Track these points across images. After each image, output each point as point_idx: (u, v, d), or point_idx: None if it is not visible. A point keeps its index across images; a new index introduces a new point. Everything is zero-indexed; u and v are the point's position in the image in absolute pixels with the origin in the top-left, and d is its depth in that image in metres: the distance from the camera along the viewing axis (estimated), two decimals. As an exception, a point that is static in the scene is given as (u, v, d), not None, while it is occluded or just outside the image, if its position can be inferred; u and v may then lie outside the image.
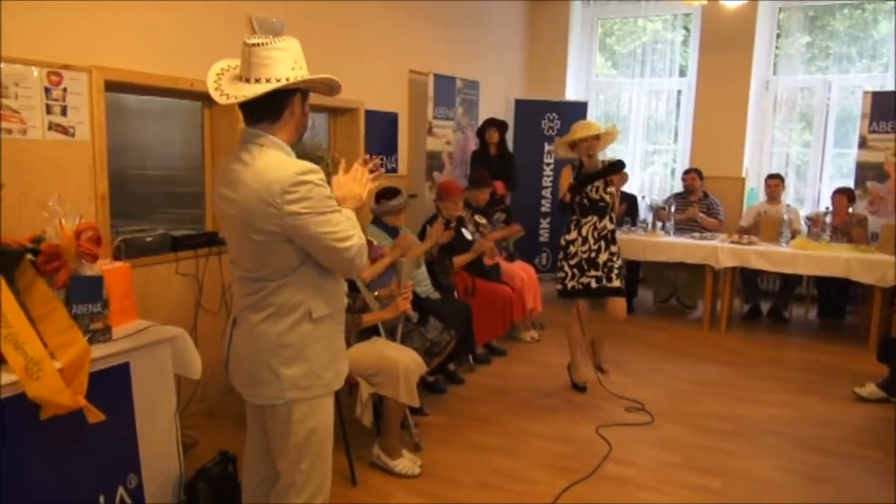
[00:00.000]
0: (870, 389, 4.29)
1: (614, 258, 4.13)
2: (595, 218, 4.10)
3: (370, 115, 5.12)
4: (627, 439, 3.66)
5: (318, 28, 4.48)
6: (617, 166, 4.04)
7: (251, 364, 1.97)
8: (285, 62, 1.83)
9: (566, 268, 4.17)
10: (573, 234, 4.15)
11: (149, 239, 3.44)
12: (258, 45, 1.81)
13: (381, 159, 5.34)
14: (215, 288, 3.86)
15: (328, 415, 2.06)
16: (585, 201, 4.10)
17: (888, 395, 4.22)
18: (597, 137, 4.04)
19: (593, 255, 4.10)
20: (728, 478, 3.25)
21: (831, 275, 5.39)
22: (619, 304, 4.15)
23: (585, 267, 4.11)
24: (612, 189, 4.11)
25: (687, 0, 5.17)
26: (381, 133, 5.34)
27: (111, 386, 2.43)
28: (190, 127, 3.97)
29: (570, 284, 4.15)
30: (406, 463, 3.20)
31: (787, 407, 4.16)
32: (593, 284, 4.11)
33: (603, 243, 4.10)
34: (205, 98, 3.89)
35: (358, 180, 2.06)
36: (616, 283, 4.10)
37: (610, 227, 4.13)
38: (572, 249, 4.14)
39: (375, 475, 3.19)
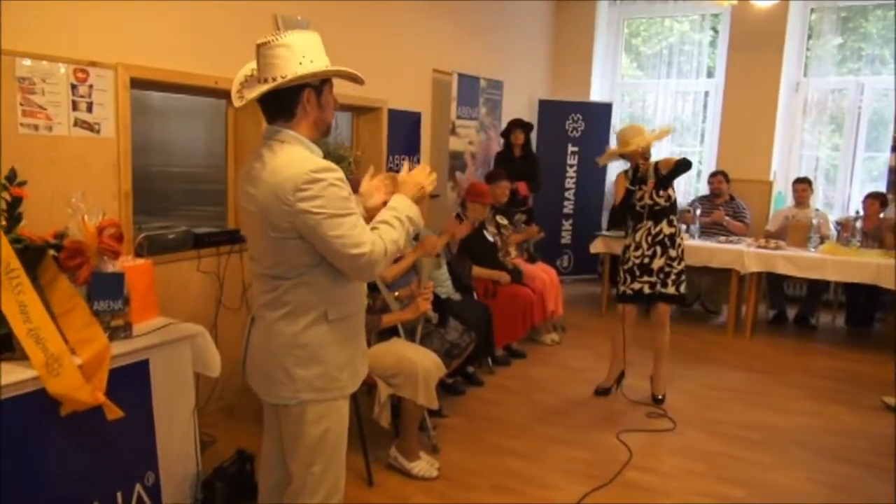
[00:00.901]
0: (899, 400, 4.19)
1: (673, 263, 4.02)
2: (650, 223, 4.01)
3: (393, 114, 5.11)
4: (649, 446, 3.60)
5: (343, 26, 4.47)
6: (686, 164, 3.93)
7: (266, 363, 1.96)
8: (290, 59, 1.80)
9: (621, 273, 4.14)
10: (629, 240, 4.11)
11: (171, 236, 3.46)
12: (263, 44, 1.81)
13: (404, 159, 5.33)
14: (236, 286, 3.87)
15: (342, 417, 2.04)
16: (638, 207, 4.02)
17: (918, 405, 4.12)
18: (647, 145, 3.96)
19: (647, 260, 4.02)
20: (752, 488, 3.18)
21: (860, 281, 5.26)
22: (661, 310, 4.11)
23: (637, 273, 4.04)
24: (667, 191, 3.99)
25: (717, 0, 5.06)
26: (404, 132, 5.32)
27: (130, 383, 2.43)
28: (214, 125, 3.99)
29: (621, 289, 4.12)
30: (423, 465, 3.17)
31: (813, 416, 4.07)
32: (646, 290, 4.04)
33: (659, 248, 4.00)
34: (228, 96, 3.89)
35: (423, 172, 2.08)
36: (671, 290, 4.02)
37: (668, 231, 4.01)
38: (627, 255, 4.10)
39: (392, 477, 3.17)
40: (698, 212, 6.15)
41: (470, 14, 6.06)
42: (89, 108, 3.04)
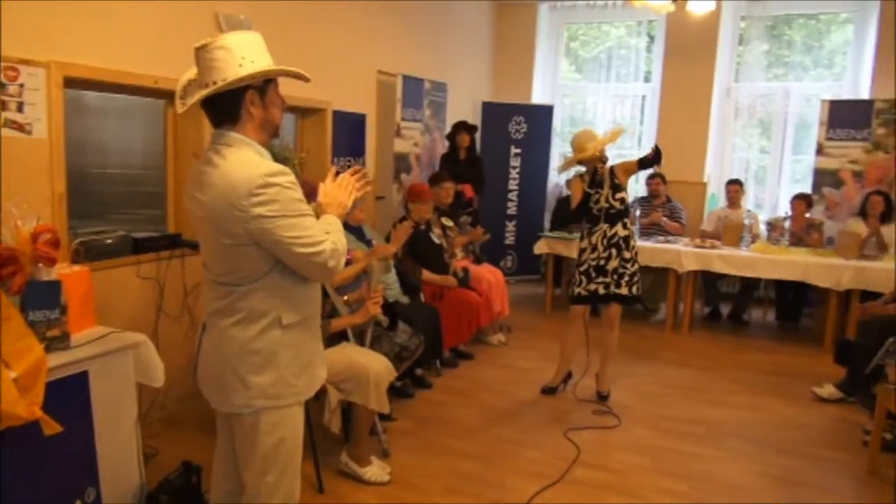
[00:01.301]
0: (829, 390, 4.40)
1: (627, 264, 4.09)
2: (606, 226, 4.06)
3: (338, 115, 5.05)
4: (596, 443, 3.67)
5: (287, 26, 4.39)
6: (657, 155, 4.02)
7: (219, 371, 1.91)
8: (230, 61, 1.75)
9: (577, 275, 4.17)
10: (584, 243, 4.16)
11: (109, 241, 3.33)
12: (201, 47, 1.76)
13: (349, 161, 5.28)
14: (177, 292, 3.76)
15: (298, 425, 2.00)
16: (595, 210, 4.07)
17: (846, 395, 4.33)
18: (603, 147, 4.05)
19: (602, 262, 4.07)
20: (696, 481, 3.28)
21: (790, 278, 5.51)
22: (613, 310, 4.18)
23: (593, 274, 4.09)
24: (621, 195, 4.08)
25: (654, 7, 5.21)
26: (349, 134, 5.27)
27: (69, 396, 2.34)
28: (153, 125, 3.86)
29: (576, 290, 4.15)
30: (375, 470, 3.15)
31: (750, 409, 4.23)
32: (601, 291, 4.10)
33: (614, 250, 4.07)
34: (168, 96, 3.78)
35: (344, 188, 2.00)
36: (624, 290, 4.09)
37: (623, 233, 4.08)
38: (583, 257, 4.15)
39: (344, 483, 3.13)
40: (637, 213, 6.32)
41: (413, 16, 6.06)
42: (20, 108, 2.89)
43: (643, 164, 4.11)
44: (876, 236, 5.50)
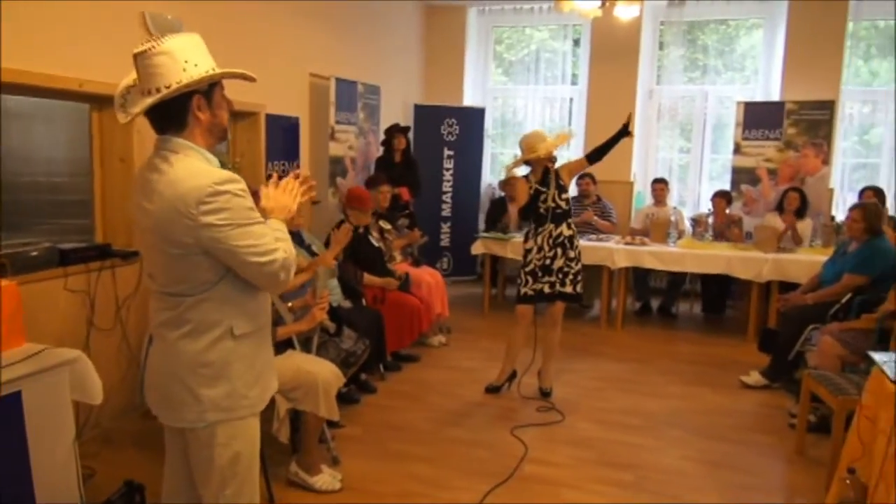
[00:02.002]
0: (754, 378, 4.63)
1: (572, 263, 4.18)
2: (552, 226, 4.14)
3: (271, 119, 4.95)
4: (542, 439, 3.74)
5: (215, 27, 4.27)
6: (627, 126, 4.15)
7: (168, 384, 1.84)
8: (172, 66, 1.70)
9: (522, 275, 4.21)
10: (530, 244, 4.20)
11: (34, 253, 3.15)
12: (141, 53, 1.70)
13: (284, 165, 5.19)
14: (109, 305, 3.60)
15: (254, 436, 1.96)
16: (542, 210, 4.13)
17: (770, 381, 4.57)
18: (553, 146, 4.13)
19: (548, 261, 4.15)
20: (640, 470, 3.39)
21: (714, 272, 5.78)
22: (557, 308, 4.27)
23: (539, 273, 4.16)
24: (566, 195, 4.17)
25: (583, 12, 5.35)
26: (283, 138, 5.18)
27: (1, 418, 2.19)
28: (77, 131, 3.67)
29: (522, 290, 4.20)
30: (326, 478, 3.11)
31: (683, 399, 4.41)
32: (546, 290, 4.17)
33: (559, 250, 4.15)
34: (93, 100, 3.62)
35: (289, 192, 1.97)
36: (568, 289, 4.18)
37: (567, 233, 4.18)
38: (529, 258, 4.19)
39: (294, 493, 3.07)
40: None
41: (344, 18, 6.01)
42: (-68, 113, 2.70)
43: (614, 140, 4.18)
44: (791, 230, 5.82)
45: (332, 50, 5.85)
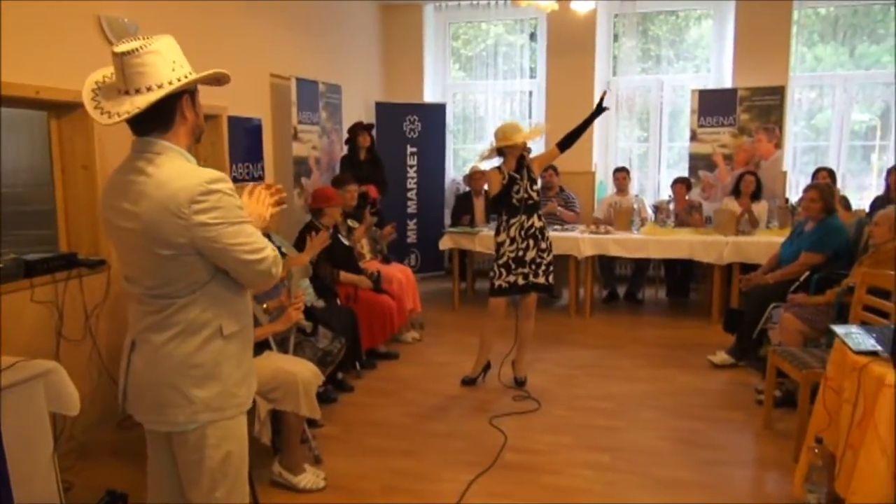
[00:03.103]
0: (721, 357, 4.77)
1: (543, 255, 4.23)
2: (523, 217, 4.16)
3: (233, 121, 4.91)
4: (520, 427, 3.79)
5: (173, 30, 4.17)
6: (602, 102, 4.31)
7: (156, 389, 1.83)
8: (163, 65, 1.71)
9: (496, 268, 4.23)
10: (502, 237, 4.21)
11: (-2, 265, 3.08)
12: (129, 52, 1.68)
13: (247, 167, 5.14)
14: (77, 315, 3.54)
15: (243, 436, 1.96)
16: (515, 201, 4.15)
17: (736, 360, 4.72)
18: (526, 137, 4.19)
19: (521, 253, 4.17)
20: (616, 452, 3.48)
21: (678, 257, 5.93)
22: (531, 299, 4.31)
23: (513, 266, 4.18)
24: (537, 187, 4.22)
25: (540, 6, 5.42)
26: (246, 140, 5.13)
27: (-22, 433, 2.15)
28: (36, 139, 3.59)
29: (496, 283, 4.22)
30: (310, 477, 3.11)
31: (653, 381, 4.52)
32: (520, 281, 4.20)
33: (531, 241, 4.18)
34: (51, 107, 3.54)
35: (262, 202, 1.98)
36: (541, 280, 4.23)
37: (538, 224, 4.22)
38: (502, 250, 4.21)
39: (279, 494, 3.07)
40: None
41: (301, 17, 5.97)
42: None
43: (589, 121, 4.34)
44: (748, 213, 6.00)
45: (292, 50, 5.82)
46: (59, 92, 3.38)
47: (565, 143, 4.29)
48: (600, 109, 4.33)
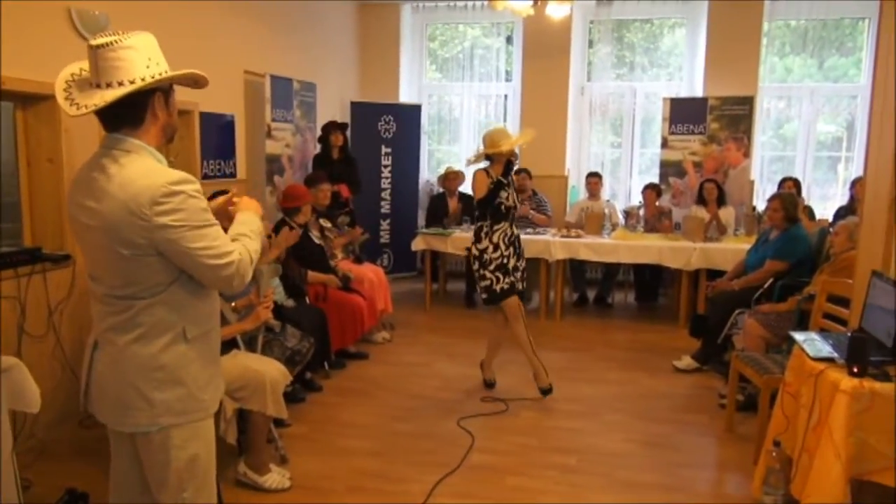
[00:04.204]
0: (686, 362, 4.85)
1: (520, 262, 4.27)
2: (506, 224, 4.17)
3: (205, 117, 4.86)
4: (488, 428, 3.82)
5: (145, 24, 4.12)
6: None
7: (118, 390, 1.81)
8: (138, 61, 1.70)
9: (488, 274, 4.15)
10: (485, 243, 4.15)
11: (-41, 259, 3.01)
12: (104, 45, 1.67)
13: (219, 163, 5.10)
14: (40, 310, 3.48)
15: (210, 437, 1.95)
16: (503, 208, 4.13)
17: (701, 364, 4.80)
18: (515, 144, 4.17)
19: (505, 260, 4.16)
20: (582, 454, 3.52)
21: (647, 261, 6.01)
22: (512, 302, 4.22)
23: (509, 269, 4.18)
24: (520, 195, 4.25)
25: (516, 10, 5.46)
26: (218, 136, 5.09)
27: (-65, 430, 2.11)
28: (5, 130, 3.52)
29: (498, 287, 4.15)
30: (275, 477, 3.10)
31: (621, 384, 4.58)
32: (518, 285, 4.23)
33: (512, 249, 4.20)
34: (17, 98, 3.48)
35: (251, 201, 2.03)
36: (522, 286, 4.29)
37: (517, 232, 4.27)
38: (486, 257, 4.15)
39: (244, 493, 3.05)
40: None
41: (277, 15, 5.93)
42: None
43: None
44: (716, 220, 6.11)
45: (267, 47, 5.78)
46: (25, 83, 3.32)
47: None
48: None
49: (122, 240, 1.69)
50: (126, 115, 1.73)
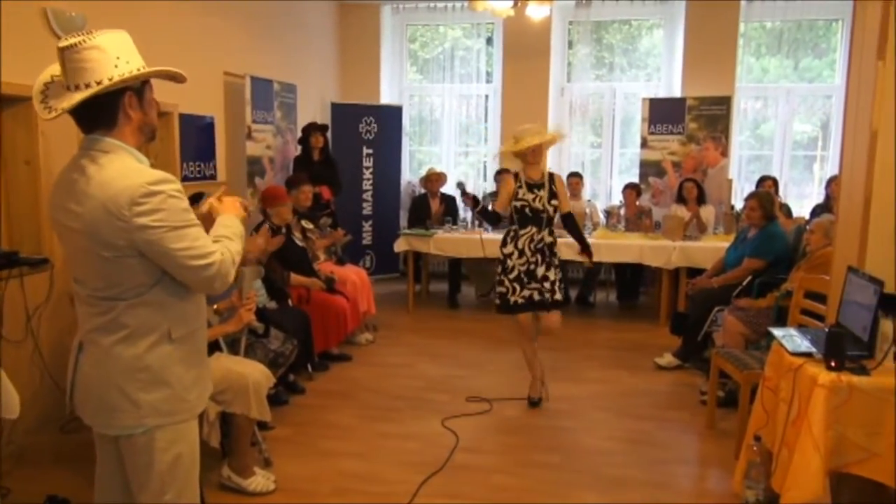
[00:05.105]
0: (667, 359, 4.90)
1: (552, 272, 4.00)
2: (534, 229, 3.95)
3: (185, 118, 4.82)
4: (472, 428, 3.83)
5: (122, 24, 4.07)
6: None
7: (103, 391, 1.79)
8: (104, 62, 1.68)
9: (506, 282, 3.98)
10: (510, 248, 3.99)
11: (-66, 263, 2.96)
12: (69, 47, 1.66)
13: (199, 165, 5.06)
14: (18, 315, 3.43)
15: (194, 440, 1.93)
16: (528, 211, 3.94)
17: (682, 361, 4.85)
18: (540, 144, 3.92)
19: (532, 266, 3.95)
20: (566, 452, 3.54)
21: (628, 261, 6.06)
22: (553, 317, 4.04)
23: (525, 280, 3.96)
24: (556, 201, 3.99)
25: (496, 11, 5.49)
26: (198, 138, 5.05)
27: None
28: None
29: (512, 299, 3.97)
30: (260, 480, 3.08)
31: (603, 383, 4.61)
32: (536, 297, 3.97)
33: (539, 256, 3.96)
34: (-8, 100, 3.43)
35: (233, 203, 2.00)
36: (558, 296, 4.01)
37: (549, 239, 4.00)
38: (510, 263, 3.97)
39: (228, 497, 3.03)
40: (490, 207, 6.60)
41: (257, 16, 5.90)
42: None
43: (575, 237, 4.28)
44: (696, 219, 6.17)
45: (246, 48, 5.75)
46: (0, 85, 3.27)
47: (567, 222, 4.22)
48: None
49: (103, 241, 1.68)
50: (98, 116, 1.71)
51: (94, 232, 1.68)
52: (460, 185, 4.64)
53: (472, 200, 4.30)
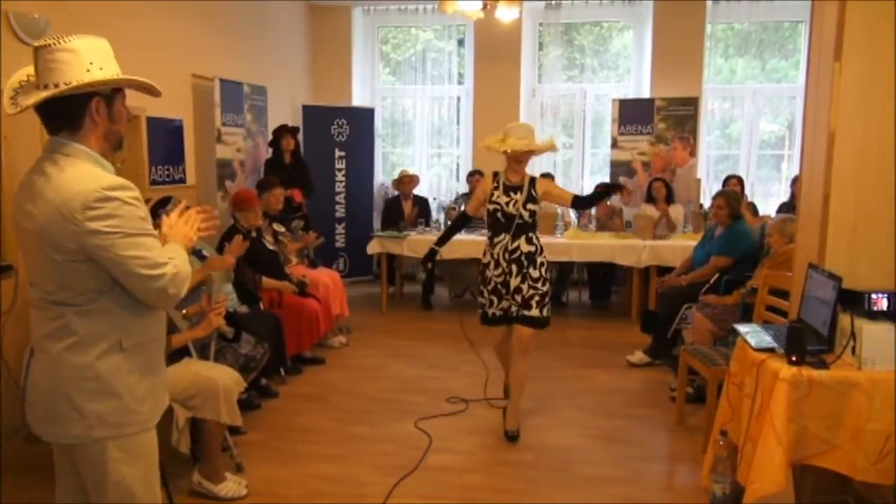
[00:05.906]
0: (638, 357, 4.97)
1: (537, 284, 3.67)
2: (507, 237, 3.63)
3: (153, 122, 4.77)
4: (446, 429, 3.85)
5: (88, 27, 4.03)
6: (612, 190, 3.92)
7: (51, 400, 1.76)
8: (76, 64, 1.68)
9: (486, 294, 3.75)
10: (487, 258, 3.73)
11: None
12: (43, 47, 1.67)
13: (168, 169, 5.01)
14: (-19, 322, 3.36)
15: (150, 450, 1.90)
16: (500, 216, 3.65)
17: (653, 359, 4.92)
18: (531, 152, 3.66)
19: (507, 278, 3.65)
20: (539, 451, 3.58)
21: (599, 260, 6.12)
22: (521, 332, 3.70)
23: (503, 291, 3.68)
24: (533, 206, 3.66)
25: (466, 13, 5.51)
26: (166, 141, 5.00)
27: None
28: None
29: (490, 312, 3.76)
30: (231, 485, 3.06)
31: (576, 381, 4.66)
32: (513, 309, 3.68)
33: (515, 267, 3.63)
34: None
35: (190, 224, 1.94)
36: (534, 312, 3.65)
37: (526, 248, 3.65)
38: (488, 274, 3.72)
39: (199, 503, 3.01)
40: (462, 208, 6.63)
41: (225, 17, 5.86)
42: None
43: (594, 198, 3.98)
44: (665, 218, 6.26)
45: (215, 50, 5.70)
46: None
47: (579, 203, 4.00)
48: (609, 192, 3.98)
49: (54, 244, 1.66)
50: (63, 117, 1.71)
51: (46, 234, 1.67)
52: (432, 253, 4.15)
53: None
